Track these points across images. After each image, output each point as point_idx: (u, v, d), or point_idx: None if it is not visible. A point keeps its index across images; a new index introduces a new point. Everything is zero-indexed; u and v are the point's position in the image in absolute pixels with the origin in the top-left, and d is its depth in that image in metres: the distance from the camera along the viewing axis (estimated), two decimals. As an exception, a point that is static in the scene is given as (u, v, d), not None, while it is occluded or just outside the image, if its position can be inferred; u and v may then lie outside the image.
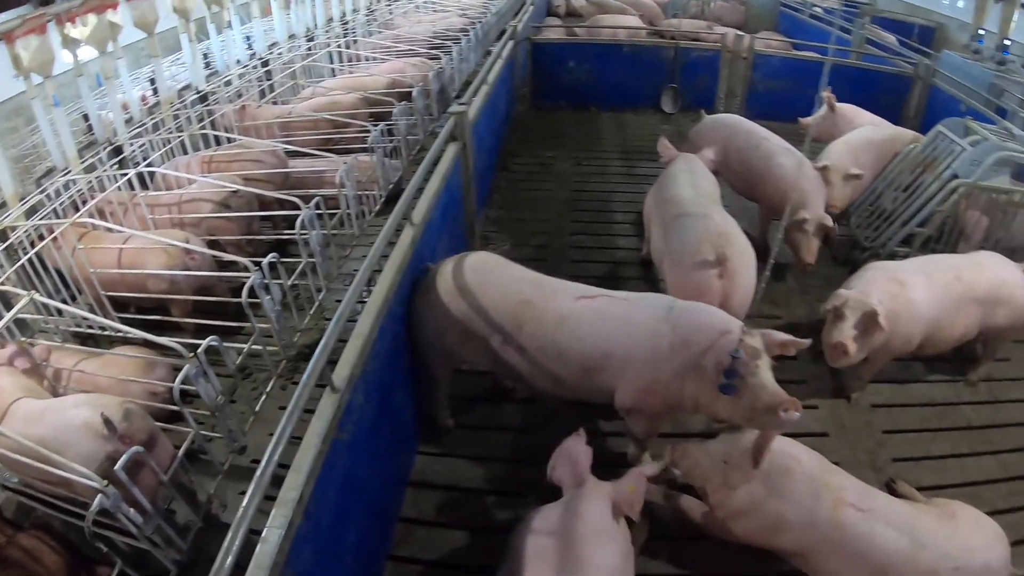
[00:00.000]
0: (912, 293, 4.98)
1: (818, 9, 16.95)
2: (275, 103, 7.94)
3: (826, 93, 8.72)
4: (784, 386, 3.67)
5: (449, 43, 9.45)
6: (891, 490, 4.68)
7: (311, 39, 9.68)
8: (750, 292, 4.71)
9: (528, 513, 3.33)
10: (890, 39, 14.74)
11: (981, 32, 14.56)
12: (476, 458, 4.53)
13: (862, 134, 7.65)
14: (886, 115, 10.00)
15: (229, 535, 2.22)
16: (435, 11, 11.68)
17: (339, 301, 3.32)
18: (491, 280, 4.08)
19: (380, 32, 10.66)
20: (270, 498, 2.47)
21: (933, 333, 5.16)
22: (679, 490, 4.26)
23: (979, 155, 6.70)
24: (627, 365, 3.90)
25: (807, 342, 3.71)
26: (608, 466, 3.77)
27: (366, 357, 3.22)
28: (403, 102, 7.08)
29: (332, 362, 3.00)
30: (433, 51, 9.28)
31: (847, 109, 8.70)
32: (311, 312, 5.33)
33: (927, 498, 4.46)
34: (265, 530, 2.37)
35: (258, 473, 2.38)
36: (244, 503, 2.28)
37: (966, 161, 6.70)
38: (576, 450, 3.46)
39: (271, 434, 2.54)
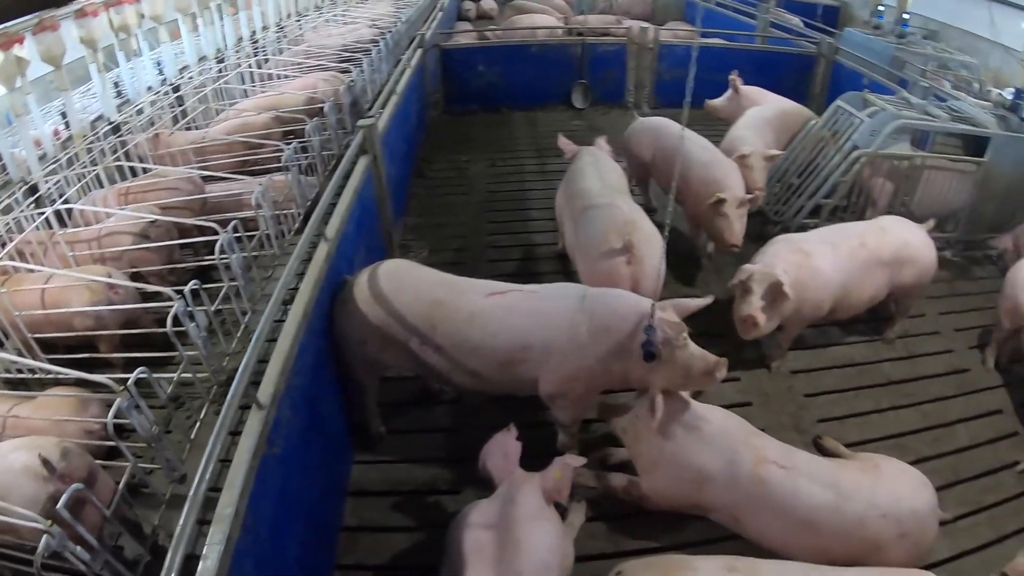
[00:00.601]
0: (817, 262, 5.29)
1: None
2: (189, 128, 7.93)
3: (732, 77, 9.06)
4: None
5: (360, 55, 9.52)
6: (818, 447, 4.97)
7: (221, 60, 9.66)
8: (659, 275, 4.90)
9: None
10: (795, 21, 15.24)
11: (881, 8, 15.24)
12: (411, 461, 4.68)
13: (756, 115, 7.99)
14: (793, 94, 10.43)
15: (168, 559, 2.34)
16: (345, 24, 11.69)
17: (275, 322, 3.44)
18: (403, 285, 4.25)
19: (291, 49, 10.69)
20: (209, 522, 2.58)
21: (842, 298, 5.49)
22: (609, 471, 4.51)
23: (878, 125, 7.10)
24: (548, 355, 4.11)
25: (709, 299, 4.10)
26: (539, 456, 3.91)
27: (289, 373, 3.33)
28: (315, 118, 7.16)
29: (257, 383, 3.13)
30: (344, 64, 9.33)
31: (752, 91, 9.06)
32: (238, 335, 5.39)
33: (852, 452, 4.75)
34: (205, 548, 2.47)
35: (191, 495, 2.50)
36: (179, 525, 2.40)
37: (865, 132, 7.10)
38: (506, 444, 3.66)
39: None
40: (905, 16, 13.83)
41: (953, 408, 5.79)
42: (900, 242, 5.81)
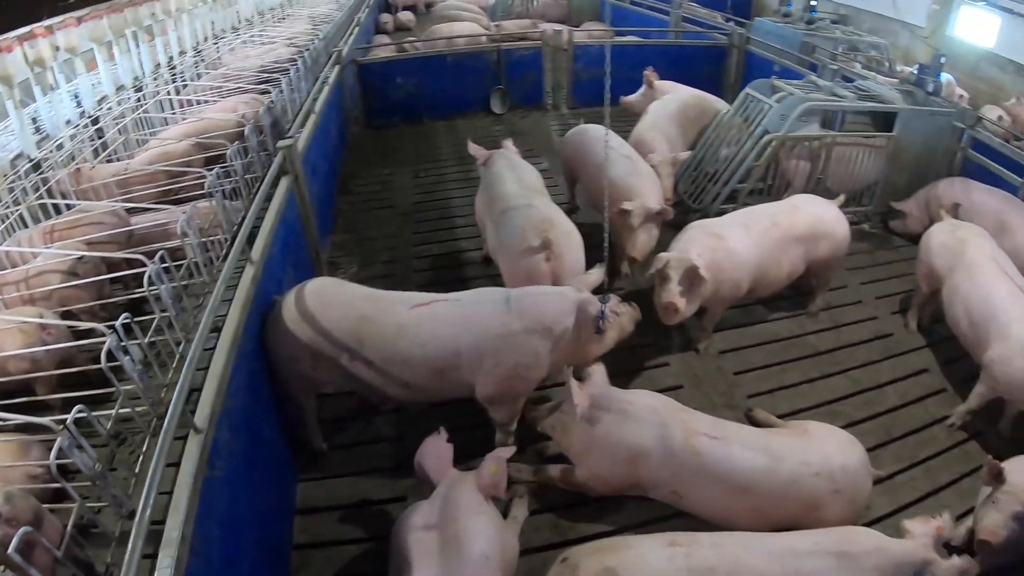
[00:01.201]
0: (731, 243, 5.50)
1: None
2: (111, 160, 7.80)
3: (646, 72, 9.27)
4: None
5: (279, 76, 9.47)
6: (749, 419, 5.15)
7: (140, 89, 9.53)
8: (579, 269, 5.07)
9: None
10: (708, 13, 15.64)
11: (790, -4, 15.49)
12: (355, 474, 4.73)
13: (658, 111, 8.21)
14: (708, 85, 10.78)
15: (117, 589, 2.37)
16: (263, 44, 11.62)
17: (204, 350, 3.47)
18: (329, 302, 4.32)
19: (209, 73, 10.58)
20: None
21: (760, 276, 5.71)
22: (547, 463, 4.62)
23: (786, 109, 7.36)
24: (480, 359, 4.24)
25: (600, 269, 4.66)
26: (473, 456, 4.05)
27: (223, 395, 3.37)
28: (236, 142, 7.13)
29: (194, 410, 3.17)
30: (264, 85, 9.27)
31: (665, 85, 9.34)
32: (174, 366, 5.36)
33: (783, 421, 4.95)
34: (156, 573, 2.51)
35: (135, 525, 2.52)
36: (127, 557, 2.43)
37: (775, 116, 7.34)
38: (438, 446, 3.76)
39: (160, 493, 2.68)
40: (813, 3, 14.21)
41: (881, 371, 6.05)
42: (813, 218, 6.07)
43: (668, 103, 8.41)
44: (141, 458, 4.68)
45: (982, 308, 5.41)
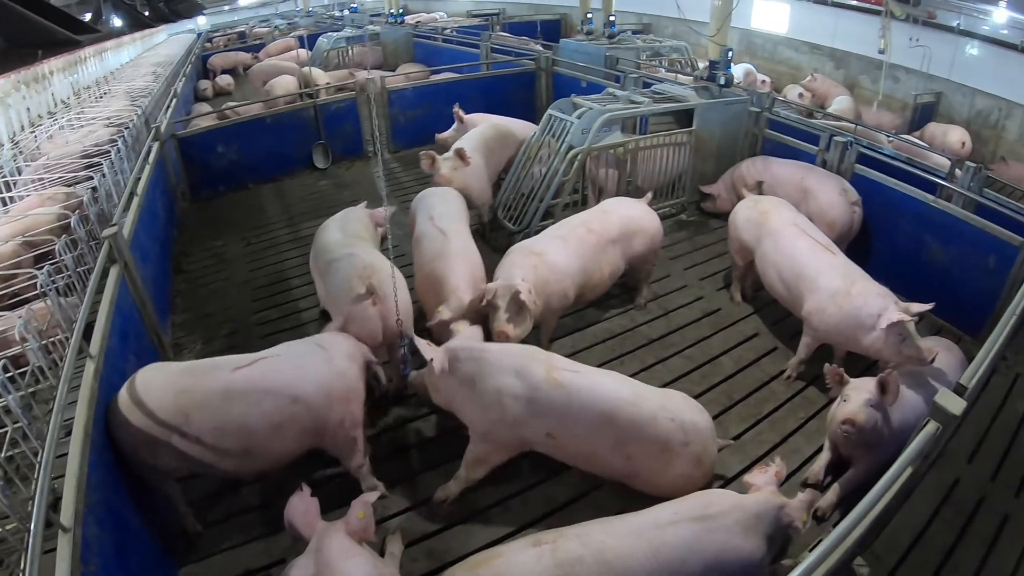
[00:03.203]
0: (552, 258, 5.79)
1: (449, 31, 18.19)
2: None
3: (455, 109, 9.56)
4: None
5: (101, 159, 9.18)
6: None
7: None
8: (406, 308, 5.27)
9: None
10: (519, 40, 16.26)
11: (590, 15, 16.32)
12: (233, 547, 4.70)
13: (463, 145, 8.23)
14: (522, 109, 11.30)
15: None
16: (82, 127, 11.24)
17: (61, 456, 3.43)
18: (150, 386, 4.30)
19: (29, 165, 10.13)
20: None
21: (584, 282, 6.01)
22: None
23: (586, 123, 7.73)
24: (320, 407, 4.42)
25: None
26: (340, 506, 4.19)
27: (85, 492, 3.36)
28: (64, 235, 6.95)
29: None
30: (87, 171, 8.92)
31: (475, 117, 9.65)
32: (36, 477, 5.20)
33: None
34: None
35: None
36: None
37: (577, 132, 7.70)
38: (304, 503, 3.84)
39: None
40: (612, 18, 14.94)
41: (713, 344, 6.54)
42: (624, 218, 6.50)
43: (471, 138, 8.58)
44: (22, 576, 4.60)
45: (791, 269, 5.99)
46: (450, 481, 4.83)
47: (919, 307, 5.09)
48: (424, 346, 4.59)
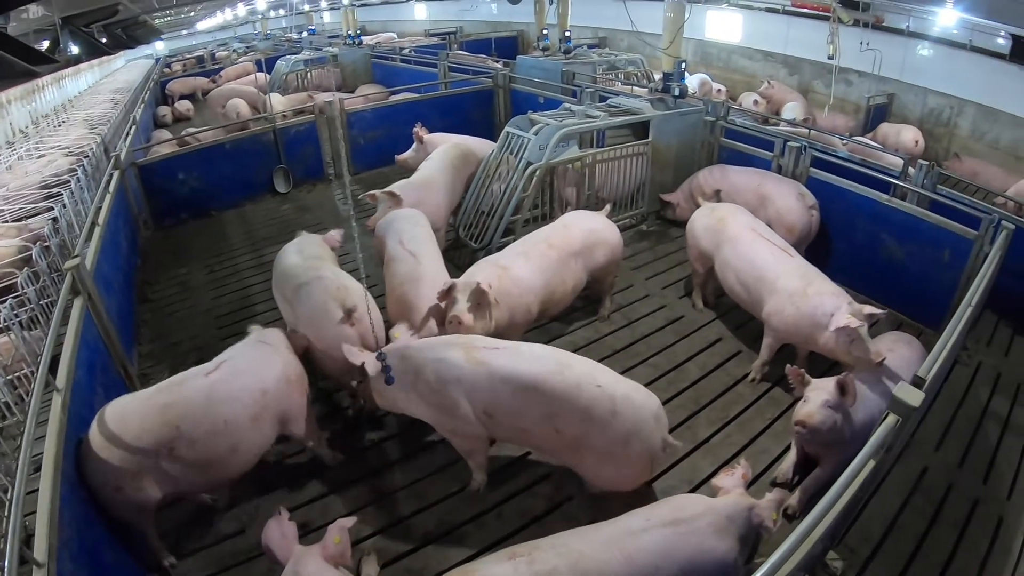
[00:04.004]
0: (516, 272, 5.82)
1: (407, 51, 18.23)
2: None
3: (415, 129, 9.59)
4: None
5: (61, 189, 9.05)
6: None
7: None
8: (379, 324, 5.33)
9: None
10: (476, 58, 16.35)
11: (545, 31, 16.41)
12: (211, 576, 4.67)
13: (425, 168, 8.40)
14: (481, 127, 11.35)
15: None
16: (40, 156, 11.08)
17: (31, 492, 3.39)
18: (124, 414, 4.30)
19: None
20: None
21: (548, 297, 6.05)
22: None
23: (543, 139, 7.78)
24: (283, 394, 4.80)
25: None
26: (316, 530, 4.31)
27: (57, 528, 3.33)
28: (25, 268, 6.86)
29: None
30: (48, 202, 8.83)
31: (434, 137, 9.60)
32: (7, 515, 5.14)
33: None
34: None
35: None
36: None
37: (534, 147, 7.73)
38: (281, 527, 3.87)
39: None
40: (567, 33, 15.06)
41: (678, 352, 6.61)
42: (585, 231, 6.56)
43: (432, 160, 8.55)
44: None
45: (750, 272, 6.12)
46: (474, 474, 5.09)
47: (871, 310, 5.21)
48: (355, 353, 4.77)
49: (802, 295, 5.61)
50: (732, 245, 6.37)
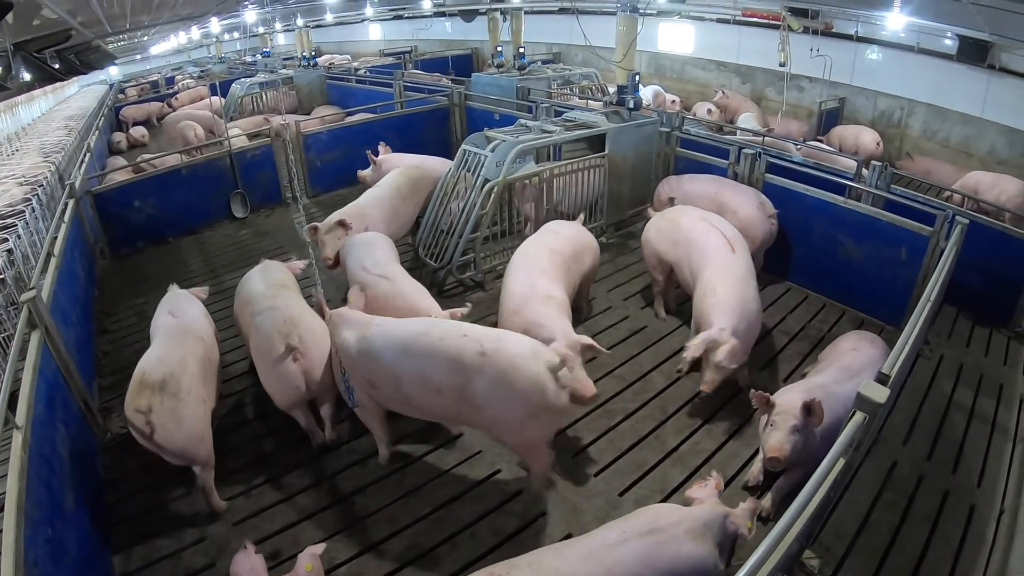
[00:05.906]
0: (559, 295, 5.97)
1: (362, 71, 18.20)
2: None
3: (368, 152, 9.56)
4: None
5: (15, 219, 8.87)
6: None
7: None
8: (323, 361, 5.36)
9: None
10: (432, 77, 16.36)
11: (499, 48, 16.55)
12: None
13: (378, 187, 8.46)
14: (438, 146, 11.34)
15: None
16: None
17: None
18: None
19: None
20: None
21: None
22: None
23: (500, 156, 7.79)
24: None
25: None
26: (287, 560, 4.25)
27: (23, 569, 3.28)
28: None
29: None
30: (2, 233, 8.60)
31: (390, 157, 9.64)
32: None
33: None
34: None
35: None
36: None
37: (491, 164, 7.74)
38: (249, 559, 3.88)
39: None
40: (521, 49, 15.13)
41: (643, 362, 6.65)
42: (573, 236, 6.70)
43: (379, 185, 8.54)
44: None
45: (699, 262, 6.29)
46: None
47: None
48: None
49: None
50: (686, 239, 6.55)
